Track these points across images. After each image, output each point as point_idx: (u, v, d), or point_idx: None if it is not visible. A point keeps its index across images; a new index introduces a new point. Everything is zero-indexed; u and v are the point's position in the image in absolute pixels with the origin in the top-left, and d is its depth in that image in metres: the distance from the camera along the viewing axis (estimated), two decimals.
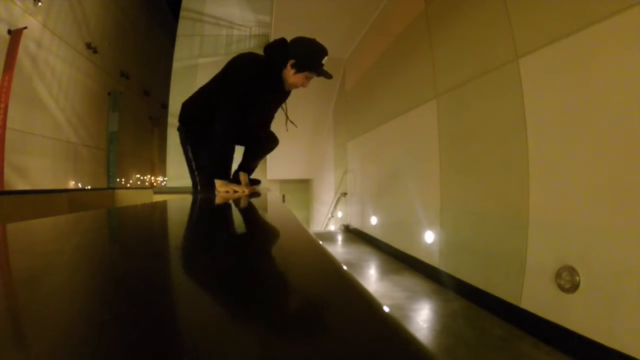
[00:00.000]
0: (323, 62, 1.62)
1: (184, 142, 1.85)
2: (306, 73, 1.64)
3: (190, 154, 1.84)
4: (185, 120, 1.83)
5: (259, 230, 0.75)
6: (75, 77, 9.33)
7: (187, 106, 1.84)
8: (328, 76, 1.64)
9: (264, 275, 0.33)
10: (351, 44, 5.88)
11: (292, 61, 1.63)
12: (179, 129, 1.86)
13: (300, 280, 0.30)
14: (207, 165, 1.78)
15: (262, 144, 2.01)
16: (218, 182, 1.63)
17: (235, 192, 1.62)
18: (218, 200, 1.39)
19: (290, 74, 1.66)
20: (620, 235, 1.64)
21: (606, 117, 1.72)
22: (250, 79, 1.64)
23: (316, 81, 1.82)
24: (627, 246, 1.61)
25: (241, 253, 0.43)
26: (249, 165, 2.00)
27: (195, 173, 1.87)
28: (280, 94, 1.82)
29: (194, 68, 9.84)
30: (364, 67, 5.40)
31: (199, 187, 1.86)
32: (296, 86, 1.71)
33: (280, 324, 0.19)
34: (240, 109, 1.65)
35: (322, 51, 1.61)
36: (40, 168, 7.95)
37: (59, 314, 0.21)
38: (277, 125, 2.04)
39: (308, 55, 1.62)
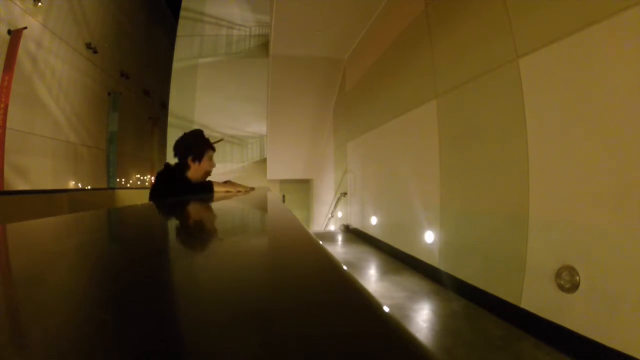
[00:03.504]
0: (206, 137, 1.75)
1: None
2: (209, 153, 1.72)
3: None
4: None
5: (259, 229, 0.75)
6: (75, 77, 9.33)
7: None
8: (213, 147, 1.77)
9: (264, 275, 0.33)
10: (351, 44, 5.87)
11: (190, 157, 1.66)
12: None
13: (300, 280, 0.30)
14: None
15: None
16: (217, 184, 1.64)
17: (239, 191, 1.62)
18: (217, 199, 1.39)
19: (196, 168, 1.68)
20: (620, 235, 1.64)
21: (606, 117, 1.72)
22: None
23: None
24: (627, 246, 1.61)
25: (241, 253, 0.43)
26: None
27: None
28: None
29: (194, 68, 9.85)
30: (364, 67, 5.39)
31: None
32: (209, 172, 1.75)
33: (280, 323, 0.19)
34: None
35: (200, 131, 1.76)
36: (40, 168, 7.95)
37: (59, 313, 0.21)
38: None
39: (195, 141, 1.71)
